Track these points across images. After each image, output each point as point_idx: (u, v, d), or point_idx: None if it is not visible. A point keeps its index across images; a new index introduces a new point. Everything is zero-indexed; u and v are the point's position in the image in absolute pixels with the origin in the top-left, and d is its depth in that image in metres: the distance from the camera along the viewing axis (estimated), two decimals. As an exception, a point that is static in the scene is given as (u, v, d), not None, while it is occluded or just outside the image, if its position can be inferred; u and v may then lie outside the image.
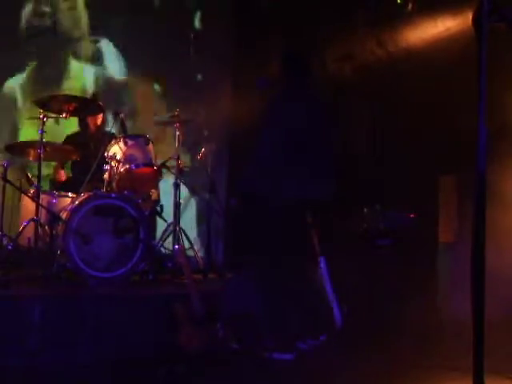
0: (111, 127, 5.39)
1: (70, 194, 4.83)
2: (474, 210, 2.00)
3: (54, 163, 5.49)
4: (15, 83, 6.30)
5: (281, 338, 3.80)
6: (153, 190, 5.30)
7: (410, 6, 5.08)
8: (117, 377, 3.37)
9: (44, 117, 4.58)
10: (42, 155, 4.54)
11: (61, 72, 6.50)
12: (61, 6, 6.46)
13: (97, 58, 6.71)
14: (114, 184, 4.79)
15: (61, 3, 6.47)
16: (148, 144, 4.93)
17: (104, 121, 5.70)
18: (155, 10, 7.00)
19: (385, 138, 5.53)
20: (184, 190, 5.36)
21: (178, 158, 5.14)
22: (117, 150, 4.84)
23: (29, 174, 4.85)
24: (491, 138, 2.08)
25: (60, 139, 5.45)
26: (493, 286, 2.26)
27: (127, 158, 4.80)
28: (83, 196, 4.55)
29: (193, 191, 5.62)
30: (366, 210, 5.18)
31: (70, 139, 5.52)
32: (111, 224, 4.43)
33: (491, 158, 2.14)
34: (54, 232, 4.42)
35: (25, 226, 4.51)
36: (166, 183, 5.29)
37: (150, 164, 4.88)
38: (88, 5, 6.59)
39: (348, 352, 3.78)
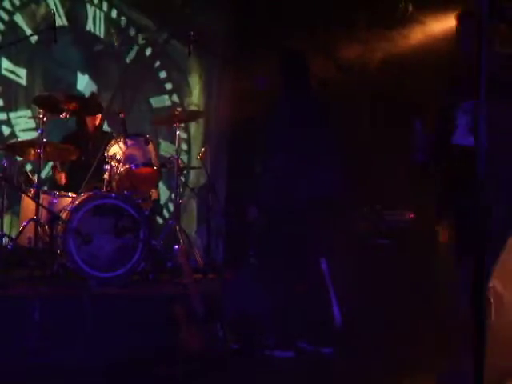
0: (111, 127, 5.39)
1: (70, 194, 4.83)
2: (474, 210, 2.00)
3: (51, 164, 5.47)
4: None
5: (281, 336, 3.80)
6: (153, 190, 5.30)
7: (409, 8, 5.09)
8: (117, 377, 3.37)
9: (44, 116, 4.58)
10: (41, 155, 4.54)
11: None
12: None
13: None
14: (113, 184, 4.79)
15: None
16: (148, 144, 4.93)
17: (102, 121, 5.68)
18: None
19: (385, 138, 5.53)
20: (184, 190, 5.36)
21: (178, 158, 5.13)
22: (117, 149, 4.83)
23: (29, 174, 4.85)
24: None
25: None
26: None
27: (127, 158, 4.80)
28: (83, 196, 4.55)
29: (193, 191, 5.61)
30: (366, 209, 5.18)
31: (67, 139, 5.50)
32: (111, 224, 4.43)
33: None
34: (54, 232, 4.42)
35: (25, 225, 4.52)
36: (166, 183, 5.29)
37: (149, 164, 4.87)
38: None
39: (348, 352, 3.79)
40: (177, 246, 4.87)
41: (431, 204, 4.84)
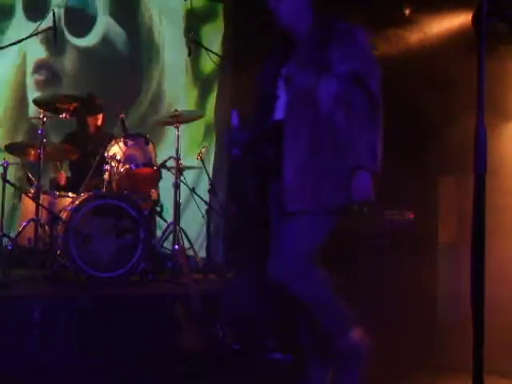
0: (112, 127, 5.39)
1: (70, 194, 4.84)
2: (474, 210, 2.01)
3: (52, 163, 5.49)
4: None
5: (281, 338, 3.80)
6: (153, 190, 5.30)
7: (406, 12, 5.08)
8: (117, 377, 3.37)
9: (44, 117, 4.58)
10: (42, 155, 4.54)
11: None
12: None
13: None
14: (113, 184, 4.80)
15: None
16: (148, 144, 4.93)
17: (104, 121, 5.69)
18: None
19: (385, 138, 5.52)
20: (184, 190, 5.35)
21: (178, 158, 5.14)
22: (117, 150, 4.84)
23: (29, 174, 4.85)
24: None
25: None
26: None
27: (127, 158, 4.80)
28: (83, 196, 4.55)
29: (193, 191, 5.60)
30: (365, 209, 5.17)
31: (68, 139, 5.51)
32: (111, 224, 4.44)
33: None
34: (54, 232, 4.42)
35: (25, 225, 4.52)
36: (166, 183, 5.29)
37: (149, 164, 4.88)
38: None
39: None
40: (177, 246, 4.89)
41: (431, 204, 4.86)
